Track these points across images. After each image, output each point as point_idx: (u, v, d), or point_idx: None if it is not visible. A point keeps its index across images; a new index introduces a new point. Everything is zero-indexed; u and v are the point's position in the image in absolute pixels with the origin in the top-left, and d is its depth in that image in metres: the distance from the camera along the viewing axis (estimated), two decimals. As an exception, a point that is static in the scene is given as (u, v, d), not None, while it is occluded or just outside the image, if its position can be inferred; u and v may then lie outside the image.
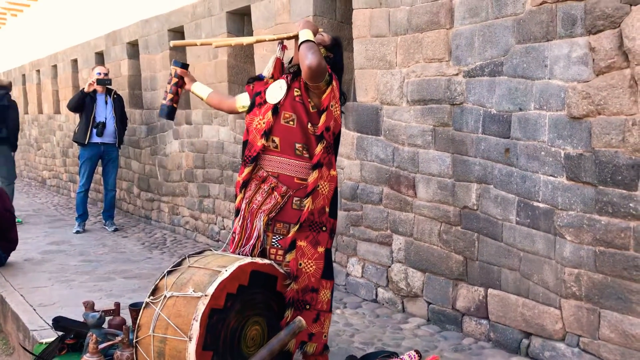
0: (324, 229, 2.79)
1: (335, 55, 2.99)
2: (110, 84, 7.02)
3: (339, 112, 2.88)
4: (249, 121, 2.91)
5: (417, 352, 2.88)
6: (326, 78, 2.75)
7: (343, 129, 4.41)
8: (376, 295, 4.25)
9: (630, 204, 2.68)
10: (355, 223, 4.37)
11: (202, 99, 3.31)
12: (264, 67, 5.44)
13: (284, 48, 3.04)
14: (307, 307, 2.76)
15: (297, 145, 2.77)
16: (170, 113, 3.16)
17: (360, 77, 4.25)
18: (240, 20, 5.86)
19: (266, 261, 2.62)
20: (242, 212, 2.82)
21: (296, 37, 2.86)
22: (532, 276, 3.17)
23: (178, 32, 6.79)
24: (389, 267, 4.13)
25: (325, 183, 2.79)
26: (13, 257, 5.29)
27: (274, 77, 2.98)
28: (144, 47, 7.45)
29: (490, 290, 3.44)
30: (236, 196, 2.93)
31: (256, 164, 2.82)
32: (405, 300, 4.03)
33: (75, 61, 9.92)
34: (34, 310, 3.95)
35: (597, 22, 2.74)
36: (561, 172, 2.96)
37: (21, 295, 4.30)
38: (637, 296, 2.69)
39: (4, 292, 4.39)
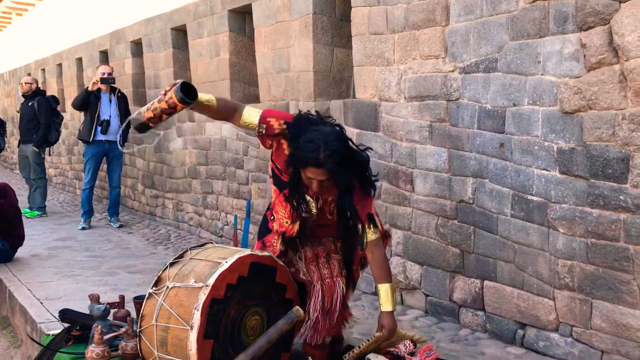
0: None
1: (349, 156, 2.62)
2: (114, 83, 7.11)
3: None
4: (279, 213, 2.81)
5: (412, 341, 2.95)
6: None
7: (342, 125, 4.49)
8: (375, 288, 4.31)
9: (621, 197, 2.75)
10: (355, 218, 4.44)
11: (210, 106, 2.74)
12: (265, 64, 5.53)
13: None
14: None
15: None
16: (142, 128, 2.67)
17: (359, 74, 4.32)
18: (242, 18, 5.93)
19: (265, 253, 2.69)
20: (323, 290, 2.80)
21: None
22: (527, 268, 3.24)
23: (181, 31, 6.87)
24: (388, 260, 4.20)
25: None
26: (20, 252, 5.39)
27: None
28: (148, 46, 7.53)
29: (486, 282, 3.51)
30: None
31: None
32: (404, 292, 4.11)
33: (80, 60, 10.03)
34: (41, 303, 4.05)
35: (588, 19, 2.80)
36: (554, 166, 3.03)
37: (28, 289, 4.40)
38: (627, 286, 2.76)
39: (11, 287, 4.48)
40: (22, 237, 5.37)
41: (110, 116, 6.99)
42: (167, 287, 2.51)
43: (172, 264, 2.64)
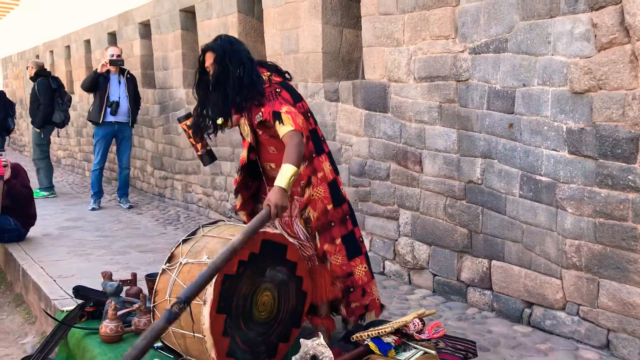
0: (332, 224, 2.89)
1: (239, 63, 2.79)
2: (122, 64, 7.13)
3: (300, 103, 2.89)
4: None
5: (420, 319, 2.99)
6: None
7: (351, 106, 4.51)
8: (383, 268, 4.37)
9: (629, 177, 2.76)
10: (364, 198, 4.47)
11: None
12: (274, 45, 5.51)
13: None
14: (352, 289, 2.95)
15: None
16: (209, 158, 3.15)
17: (368, 55, 4.32)
18: (251, -1, 5.93)
19: (277, 231, 2.73)
20: (281, 227, 2.90)
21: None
22: (535, 248, 3.27)
23: (189, 12, 6.86)
24: (396, 240, 4.24)
25: (318, 188, 2.86)
26: (32, 232, 5.46)
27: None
28: (156, 27, 7.53)
29: (493, 262, 3.55)
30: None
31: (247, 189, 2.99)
32: (412, 272, 4.15)
33: (88, 42, 10.03)
34: (54, 281, 4.11)
35: (600, -1, 2.79)
36: (563, 146, 3.04)
37: (41, 267, 4.46)
38: (635, 265, 2.79)
39: (24, 265, 4.55)
40: (34, 216, 5.44)
41: (119, 97, 7.02)
42: (181, 263, 2.56)
43: (184, 241, 2.68)
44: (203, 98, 2.89)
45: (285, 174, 2.59)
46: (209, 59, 2.82)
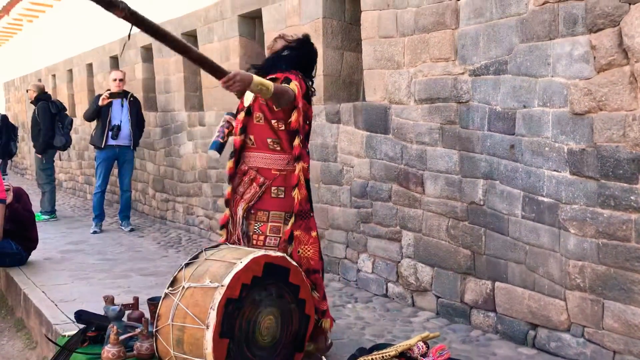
0: (311, 214, 3.08)
1: (300, 51, 3.20)
2: (123, 96, 7.14)
3: (308, 106, 3.12)
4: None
5: (425, 342, 2.97)
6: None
7: (352, 128, 4.53)
8: (386, 290, 4.35)
9: (632, 197, 2.76)
10: (366, 220, 4.47)
11: None
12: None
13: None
14: (314, 286, 3.01)
15: (269, 141, 3.05)
16: (218, 147, 3.33)
17: (369, 77, 4.36)
18: (252, 23, 5.98)
19: (279, 254, 2.73)
20: (231, 203, 3.16)
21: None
22: (538, 269, 3.26)
23: (191, 36, 6.93)
24: (399, 262, 4.23)
25: (302, 174, 3.03)
26: (33, 256, 5.44)
27: None
28: (158, 51, 7.60)
29: (497, 284, 3.53)
30: None
31: (237, 158, 3.17)
32: (415, 294, 4.13)
33: (90, 65, 10.11)
34: (56, 305, 4.09)
35: (598, 21, 2.83)
36: (564, 167, 3.05)
37: (43, 292, 4.44)
38: (639, 287, 2.77)
39: (26, 289, 4.53)
40: (35, 240, 5.43)
41: (121, 121, 7.05)
42: (183, 287, 2.55)
43: (187, 265, 2.68)
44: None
45: (263, 79, 2.80)
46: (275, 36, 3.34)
